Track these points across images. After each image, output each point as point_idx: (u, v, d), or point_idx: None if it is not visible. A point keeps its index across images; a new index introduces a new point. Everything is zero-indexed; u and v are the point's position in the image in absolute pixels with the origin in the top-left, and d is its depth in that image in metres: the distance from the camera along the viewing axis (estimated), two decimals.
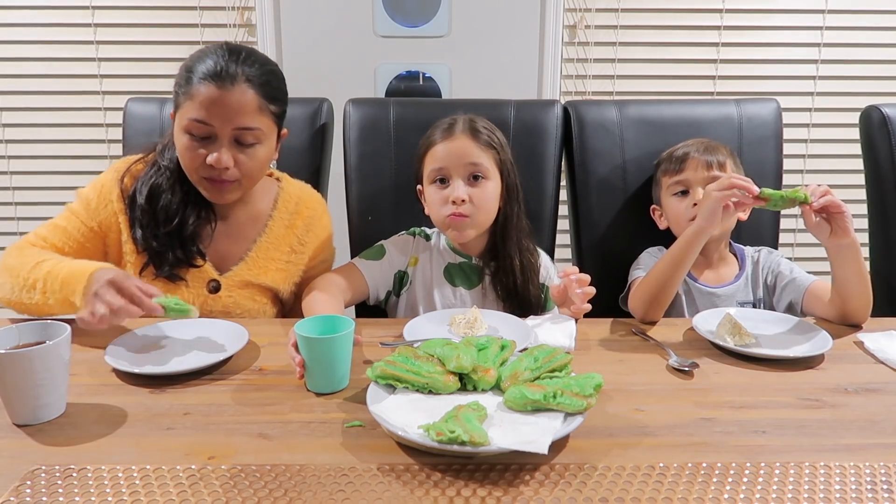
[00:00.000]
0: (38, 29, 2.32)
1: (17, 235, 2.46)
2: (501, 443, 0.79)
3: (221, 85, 1.16)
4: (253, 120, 1.20)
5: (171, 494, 0.75)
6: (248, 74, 1.18)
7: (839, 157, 2.43)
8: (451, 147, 1.30)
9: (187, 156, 1.21)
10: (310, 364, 0.97)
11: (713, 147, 1.42)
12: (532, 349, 0.98)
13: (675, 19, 2.36)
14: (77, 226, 1.26)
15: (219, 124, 1.18)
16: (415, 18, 2.33)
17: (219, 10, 2.31)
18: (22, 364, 0.86)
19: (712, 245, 1.41)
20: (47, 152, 2.41)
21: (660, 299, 1.26)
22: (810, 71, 2.40)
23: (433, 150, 1.32)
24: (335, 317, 1.02)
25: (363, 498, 0.75)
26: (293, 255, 1.36)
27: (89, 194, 1.28)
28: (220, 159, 1.19)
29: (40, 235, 1.25)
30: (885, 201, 1.62)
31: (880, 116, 1.60)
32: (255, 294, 1.33)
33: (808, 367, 1.08)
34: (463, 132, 1.31)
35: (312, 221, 1.38)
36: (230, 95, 1.17)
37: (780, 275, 1.40)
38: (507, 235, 1.35)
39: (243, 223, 1.34)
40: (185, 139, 1.20)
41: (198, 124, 1.18)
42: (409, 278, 1.40)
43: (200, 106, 1.17)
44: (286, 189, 1.39)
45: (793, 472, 0.80)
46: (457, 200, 1.28)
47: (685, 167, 1.41)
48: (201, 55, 1.20)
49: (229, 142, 1.20)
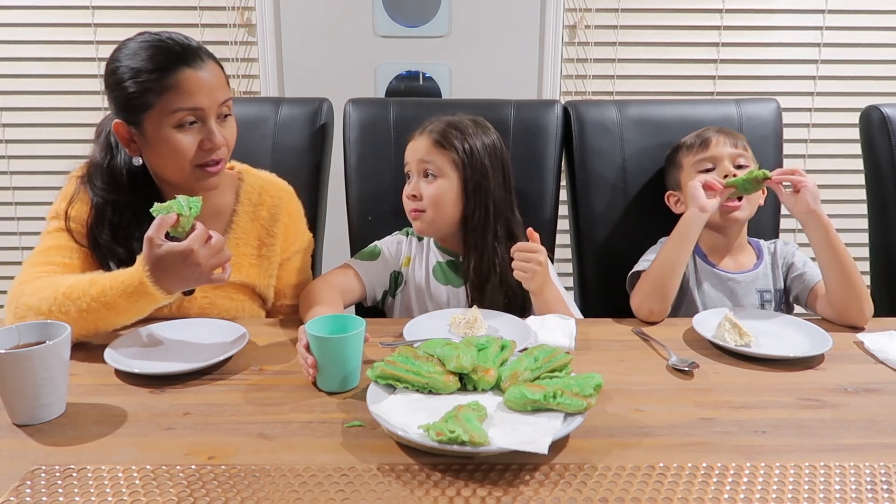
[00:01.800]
0: (38, 29, 2.32)
1: (18, 236, 2.46)
2: (501, 443, 0.79)
3: (197, 65, 1.14)
4: (228, 90, 1.21)
5: (171, 494, 0.75)
6: (203, 50, 1.18)
7: (839, 157, 2.43)
8: (412, 146, 1.37)
9: (184, 150, 1.16)
10: (322, 364, 0.97)
11: (729, 131, 1.45)
12: (532, 349, 0.98)
13: (675, 19, 2.36)
14: (69, 237, 1.21)
15: (209, 103, 1.16)
16: (415, 18, 2.33)
17: (219, 10, 2.31)
18: (22, 364, 0.86)
19: (734, 231, 1.43)
20: (47, 152, 2.41)
21: (664, 292, 1.28)
22: (810, 71, 2.40)
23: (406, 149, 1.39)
24: (345, 316, 1.03)
25: (363, 498, 0.75)
26: (264, 248, 1.32)
27: (60, 208, 1.23)
28: (218, 137, 1.17)
29: (39, 263, 1.18)
30: (885, 201, 1.62)
31: (880, 116, 1.60)
32: (232, 293, 1.30)
33: (808, 367, 1.08)
34: (425, 133, 1.36)
35: (278, 210, 1.34)
36: (209, 72, 1.16)
37: (792, 266, 1.42)
38: (479, 234, 1.34)
39: (208, 220, 1.26)
40: (176, 134, 1.15)
41: (189, 111, 1.14)
42: (403, 278, 1.40)
43: (186, 93, 1.13)
44: (247, 181, 1.35)
45: (793, 473, 0.80)
46: (408, 195, 1.36)
47: (710, 144, 1.42)
48: (136, 51, 1.14)
49: (216, 119, 1.18)
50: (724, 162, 1.39)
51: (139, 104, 1.14)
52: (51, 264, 1.18)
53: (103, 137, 1.25)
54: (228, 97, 1.20)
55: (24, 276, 1.17)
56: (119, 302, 1.06)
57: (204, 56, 1.17)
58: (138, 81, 1.13)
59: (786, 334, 1.19)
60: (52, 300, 1.08)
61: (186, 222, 1.06)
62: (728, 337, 1.13)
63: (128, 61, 1.14)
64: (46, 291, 1.09)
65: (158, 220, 1.04)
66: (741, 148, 1.42)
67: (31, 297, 1.10)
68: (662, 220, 1.50)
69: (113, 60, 1.17)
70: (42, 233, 1.24)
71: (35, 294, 1.10)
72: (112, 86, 1.17)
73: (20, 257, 2.46)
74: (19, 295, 1.12)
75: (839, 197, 2.39)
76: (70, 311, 1.07)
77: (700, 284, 1.42)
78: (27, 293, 1.11)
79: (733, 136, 1.43)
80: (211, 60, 1.18)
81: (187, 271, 1.04)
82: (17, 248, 2.47)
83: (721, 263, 1.43)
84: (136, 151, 1.21)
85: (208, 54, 1.18)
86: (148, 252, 1.03)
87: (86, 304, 1.06)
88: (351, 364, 0.98)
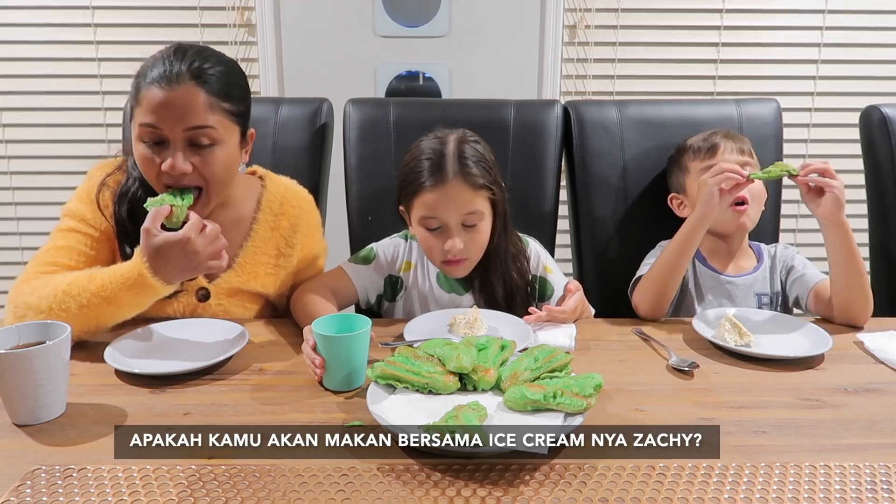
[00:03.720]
0: (38, 29, 2.32)
1: (17, 236, 2.46)
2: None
3: (167, 85, 1.10)
4: (203, 118, 1.13)
5: (171, 494, 0.75)
6: (194, 72, 1.12)
7: (839, 157, 2.42)
8: (445, 197, 1.21)
9: (145, 165, 1.15)
10: (329, 362, 0.98)
11: (735, 135, 1.44)
12: (532, 349, 0.98)
13: (675, 19, 2.35)
14: (81, 239, 1.21)
15: (168, 127, 1.11)
16: (415, 18, 2.33)
17: (219, 10, 2.31)
18: (22, 364, 0.86)
19: (738, 237, 1.43)
20: (47, 152, 2.41)
21: (665, 292, 1.29)
22: (810, 71, 2.40)
23: (425, 198, 1.23)
24: (351, 315, 1.03)
25: (363, 498, 0.75)
26: (281, 258, 1.32)
27: (79, 207, 1.23)
28: (175, 164, 1.11)
29: (43, 262, 1.18)
30: (885, 201, 1.62)
31: (880, 116, 1.60)
32: (245, 301, 1.30)
33: (808, 367, 1.08)
34: (455, 176, 1.21)
35: (298, 221, 1.33)
36: (176, 95, 1.10)
37: (792, 269, 1.41)
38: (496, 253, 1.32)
39: (227, 227, 1.26)
40: (141, 147, 1.14)
41: (148, 129, 1.12)
42: (403, 283, 1.38)
43: (147, 110, 1.11)
44: (270, 188, 1.34)
45: (793, 473, 0.80)
46: (453, 249, 1.23)
47: (717, 151, 1.41)
48: (152, 61, 1.14)
49: (183, 145, 1.13)
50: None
51: (131, 109, 1.16)
52: (54, 265, 1.18)
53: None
54: (197, 125, 1.12)
55: (24, 276, 1.17)
56: (119, 295, 1.06)
57: (185, 78, 1.11)
58: (132, 90, 1.15)
59: (786, 334, 1.19)
60: (52, 298, 1.08)
61: (180, 212, 1.09)
62: (728, 337, 1.13)
63: (142, 68, 1.16)
64: (46, 290, 1.09)
65: (153, 212, 1.06)
66: (747, 154, 1.41)
67: (31, 296, 1.10)
68: (662, 221, 1.50)
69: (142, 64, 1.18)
70: (53, 229, 1.24)
71: (34, 293, 1.10)
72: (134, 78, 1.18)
73: (20, 257, 2.45)
74: (18, 294, 1.12)
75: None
76: (70, 307, 1.07)
77: (698, 287, 1.42)
78: (26, 292, 1.11)
79: (740, 141, 1.43)
80: (192, 83, 1.11)
81: (185, 260, 1.05)
82: (17, 248, 2.47)
83: (720, 267, 1.43)
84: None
85: (196, 76, 1.12)
86: (145, 243, 1.05)
87: (86, 300, 1.07)
88: (357, 362, 0.99)
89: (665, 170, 1.56)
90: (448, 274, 1.33)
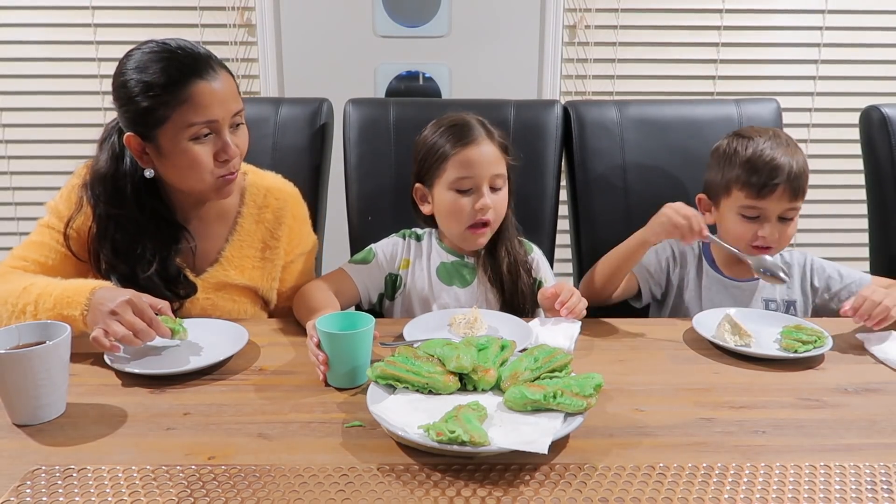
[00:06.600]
0: (38, 29, 2.32)
1: (17, 236, 2.46)
2: (501, 443, 0.79)
3: (210, 76, 1.12)
4: (239, 100, 1.19)
5: (171, 494, 0.75)
6: (214, 59, 1.16)
7: (839, 157, 2.43)
8: (478, 154, 1.27)
9: (203, 162, 1.15)
10: (333, 360, 0.98)
11: (800, 171, 1.28)
12: (532, 349, 0.98)
13: (675, 19, 2.36)
14: (56, 237, 1.21)
15: (222, 115, 1.14)
16: (415, 18, 2.33)
17: (219, 10, 2.31)
18: (22, 364, 0.86)
19: None
20: (47, 152, 2.41)
21: (611, 280, 1.36)
22: (810, 71, 2.40)
23: (458, 158, 1.27)
24: (354, 313, 1.03)
25: (363, 498, 0.75)
26: (268, 250, 1.32)
27: (59, 204, 1.23)
28: (234, 149, 1.17)
29: (18, 256, 1.21)
30: (885, 201, 1.62)
31: (880, 116, 1.60)
32: (234, 295, 1.30)
33: (808, 367, 1.09)
34: (484, 137, 1.29)
35: (283, 213, 1.33)
36: (220, 83, 1.14)
37: (830, 279, 1.38)
38: (504, 234, 1.36)
39: (213, 221, 1.29)
40: (193, 147, 1.14)
41: (204, 125, 1.13)
42: (402, 281, 1.39)
43: (201, 106, 1.12)
44: (252, 181, 1.34)
45: (793, 473, 0.80)
46: (485, 208, 1.27)
47: (770, 195, 1.27)
48: (145, 64, 1.11)
49: (230, 129, 1.17)
50: (773, 219, 1.30)
51: (153, 119, 1.12)
52: (25, 260, 1.20)
53: (108, 145, 1.22)
54: (240, 107, 1.19)
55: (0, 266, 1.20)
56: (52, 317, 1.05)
57: (215, 66, 1.15)
58: (151, 96, 1.10)
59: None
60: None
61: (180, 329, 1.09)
62: (728, 337, 1.13)
63: (138, 74, 1.11)
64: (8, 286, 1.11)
65: (157, 323, 1.04)
66: (799, 199, 1.29)
67: None
68: None
69: (121, 73, 1.14)
70: (38, 221, 1.26)
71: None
72: (122, 100, 1.14)
73: None
74: None
75: (839, 197, 2.39)
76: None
77: (703, 289, 1.41)
78: None
79: (800, 179, 1.28)
80: (222, 70, 1.16)
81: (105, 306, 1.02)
82: None
83: (726, 270, 1.42)
84: (148, 164, 1.19)
85: (219, 63, 1.16)
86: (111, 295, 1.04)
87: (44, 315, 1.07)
88: (361, 359, 1.00)
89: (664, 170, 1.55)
90: (468, 246, 1.36)
